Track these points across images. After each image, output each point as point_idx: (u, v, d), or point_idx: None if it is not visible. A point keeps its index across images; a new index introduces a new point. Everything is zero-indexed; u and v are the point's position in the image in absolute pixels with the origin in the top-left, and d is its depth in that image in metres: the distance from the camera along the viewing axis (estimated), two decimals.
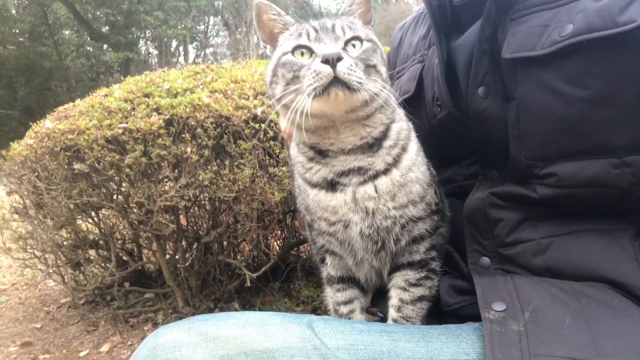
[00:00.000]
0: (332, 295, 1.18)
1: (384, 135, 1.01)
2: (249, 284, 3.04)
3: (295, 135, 1.09)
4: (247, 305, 3.47)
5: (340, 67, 0.88)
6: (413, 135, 1.07)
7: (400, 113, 1.08)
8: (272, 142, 2.57)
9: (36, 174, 3.05)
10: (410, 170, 1.01)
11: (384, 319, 1.11)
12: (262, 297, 3.53)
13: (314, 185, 1.03)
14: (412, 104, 1.15)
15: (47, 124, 2.97)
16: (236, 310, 3.39)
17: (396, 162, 1.00)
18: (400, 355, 0.82)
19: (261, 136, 2.56)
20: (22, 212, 3.41)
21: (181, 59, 30.42)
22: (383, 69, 0.99)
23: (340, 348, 0.82)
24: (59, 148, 2.77)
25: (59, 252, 3.43)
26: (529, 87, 0.91)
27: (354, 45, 0.97)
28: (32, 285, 4.32)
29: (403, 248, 1.06)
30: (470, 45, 1.03)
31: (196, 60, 31.34)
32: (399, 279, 1.08)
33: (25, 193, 3.25)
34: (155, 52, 28.65)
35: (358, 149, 0.99)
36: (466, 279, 1.02)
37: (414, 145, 1.05)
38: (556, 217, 0.95)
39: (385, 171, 0.99)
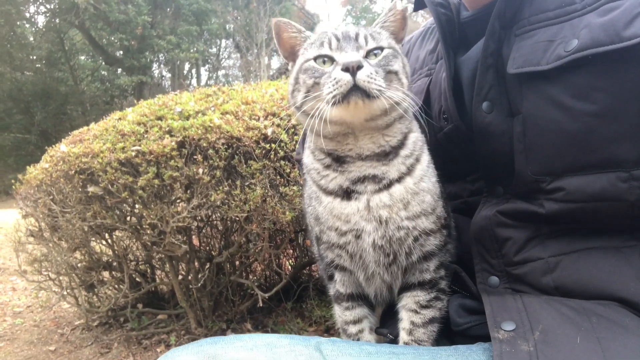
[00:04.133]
0: (340, 314, 1.17)
1: (402, 144, 1.02)
2: (261, 304, 3.03)
3: (310, 142, 1.09)
4: (259, 326, 3.45)
5: (360, 75, 0.89)
6: (425, 147, 1.08)
7: (416, 124, 1.09)
8: (282, 162, 2.58)
9: (51, 197, 3.09)
10: (422, 180, 1.01)
11: (394, 341, 1.09)
12: (275, 318, 3.51)
13: (329, 192, 1.03)
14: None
15: (62, 147, 3.03)
16: (249, 331, 3.37)
17: (410, 171, 1.01)
18: None
19: (271, 156, 2.58)
20: (38, 234, 3.45)
21: (194, 81, 30.87)
22: (404, 79, 0.99)
23: None
24: (73, 171, 2.82)
25: (73, 274, 3.45)
26: (534, 102, 0.91)
27: (375, 55, 0.98)
28: (46, 307, 4.35)
29: (414, 264, 1.05)
30: (474, 60, 1.04)
31: (208, 82, 31.77)
32: (409, 300, 1.07)
33: (41, 216, 3.30)
34: (169, 75, 29.12)
35: (374, 156, 1.00)
36: (476, 299, 1.01)
37: (426, 157, 1.05)
38: (564, 234, 0.94)
39: (399, 179, 0.99)
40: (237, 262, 3.43)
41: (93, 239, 3.33)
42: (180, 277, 3.31)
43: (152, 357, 3.21)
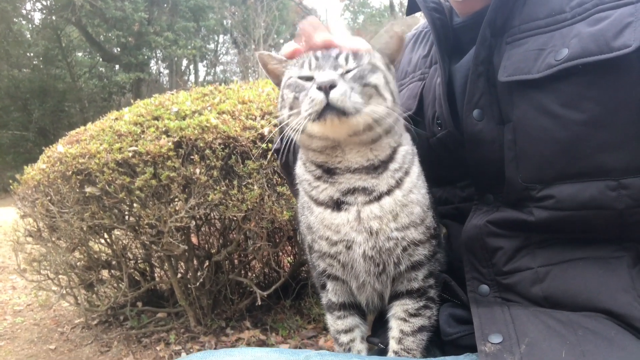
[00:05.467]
0: (332, 323, 1.18)
1: (391, 158, 1.02)
2: (259, 303, 3.05)
3: (302, 154, 1.09)
4: (258, 324, 3.47)
5: (334, 94, 0.87)
6: (416, 159, 1.07)
7: (407, 137, 1.08)
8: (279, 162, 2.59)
9: (49, 197, 3.10)
10: (411, 192, 1.01)
11: (384, 350, 1.10)
12: (274, 315, 3.52)
13: (319, 203, 1.03)
14: (412, 122, 1.16)
15: (59, 148, 3.04)
16: (248, 329, 3.39)
17: (399, 184, 1.01)
18: None
19: (268, 155, 2.59)
20: (36, 235, 3.46)
21: (192, 77, 30.81)
22: (388, 95, 0.97)
23: None
24: (70, 172, 2.83)
25: (72, 274, 3.47)
26: (525, 110, 0.92)
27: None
28: (46, 306, 4.37)
29: (402, 273, 1.05)
30: (466, 68, 1.04)
31: (206, 78, 31.72)
32: (398, 308, 1.08)
33: (39, 216, 3.31)
34: (166, 71, 29.06)
35: (363, 169, 1.00)
36: (466, 308, 1.01)
37: (415, 170, 1.05)
38: (554, 244, 0.94)
39: (389, 192, 0.99)
40: (236, 261, 3.45)
41: (91, 238, 3.34)
42: (179, 275, 3.32)
43: (151, 355, 3.23)
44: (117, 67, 24.52)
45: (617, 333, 0.84)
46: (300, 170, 1.10)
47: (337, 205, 1.01)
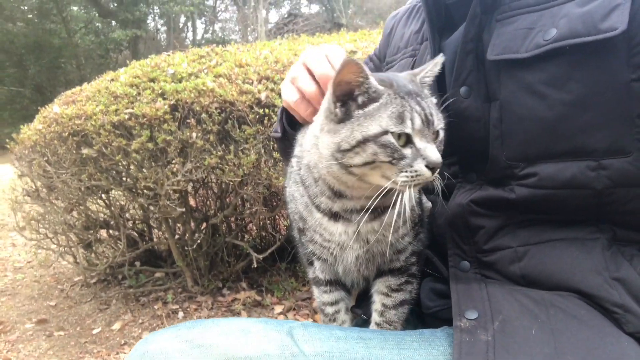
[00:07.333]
0: (318, 295, 1.22)
1: None
2: (255, 265, 3.11)
3: (312, 163, 1.03)
4: (254, 285, 3.54)
5: (437, 172, 0.89)
6: None
7: None
8: None
9: (46, 158, 3.11)
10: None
11: (367, 321, 1.15)
12: (269, 277, 3.60)
13: (321, 210, 1.04)
14: None
15: (55, 108, 3.02)
16: (244, 289, 3.46)
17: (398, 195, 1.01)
18: None
19: (265, 121, 2.58)
20: (34, 194, 3.49)
21: (189, 34, 30.22)
22: None
23: (317, 355, 0.86)
24: (67, 133, 2.82)
25: (71, 234, 3.51)
26: (512, 89, 0.92)
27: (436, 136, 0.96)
28: (45, 265, 4.45)
29: (387, 259, 1.10)
30: (455, 44, 1.03)
31: (205, 35, 31.12)
32: (381, 284, 1.12)
33: (36, 176, 3.32)
34: (164, 28, 28.48)
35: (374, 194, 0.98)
36: (447, 282, 1.04)
37: None
38: (534, 225, 0.96)
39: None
40: (233, 224, 3.49)
41: (89, 198, 3.37)
42: (176, 237, 3.37)
43: (149, 313, 3.32)
44: (113, 23, 24.01)
45: (587, 312, 0.86)
46: (305, 172, 1.06)
47: (336, 217, 1.03)
